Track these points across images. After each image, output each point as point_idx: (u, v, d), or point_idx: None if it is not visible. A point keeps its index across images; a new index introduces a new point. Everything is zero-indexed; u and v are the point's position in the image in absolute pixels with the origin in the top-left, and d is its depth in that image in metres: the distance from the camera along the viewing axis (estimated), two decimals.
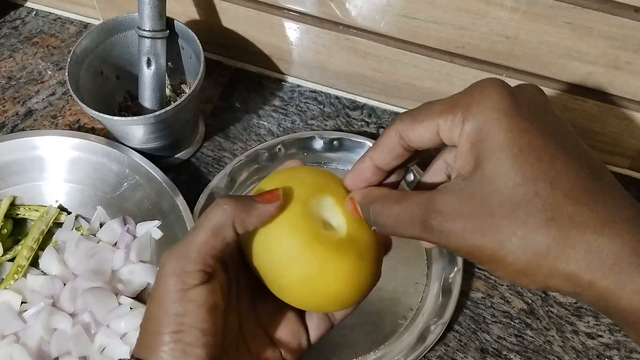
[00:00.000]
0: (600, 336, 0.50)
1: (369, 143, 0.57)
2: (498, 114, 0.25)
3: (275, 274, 0.31)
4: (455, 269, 0.50)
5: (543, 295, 0.52)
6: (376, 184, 0.32)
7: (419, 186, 0.32)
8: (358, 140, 0.57)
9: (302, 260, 0.30)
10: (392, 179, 0.33)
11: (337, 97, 0.63)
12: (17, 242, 0.52)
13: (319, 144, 0.58)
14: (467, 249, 0.26)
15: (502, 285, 0.52)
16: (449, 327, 0.50)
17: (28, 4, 0.70)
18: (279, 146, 0.57)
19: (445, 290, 0.50)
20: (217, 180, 0.55)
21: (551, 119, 0.27)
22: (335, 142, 0.57)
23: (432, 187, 0.29)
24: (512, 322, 0.51)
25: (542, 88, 0.54)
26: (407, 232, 0.28)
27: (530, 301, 0.51)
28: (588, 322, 0.50)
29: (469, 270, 0.53)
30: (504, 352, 0.49)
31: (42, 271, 0.51)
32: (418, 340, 0.48)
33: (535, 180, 0.25)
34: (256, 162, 0.57)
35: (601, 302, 0.25)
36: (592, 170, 0.26)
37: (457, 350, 0.49)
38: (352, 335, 0.49)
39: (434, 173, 0.32)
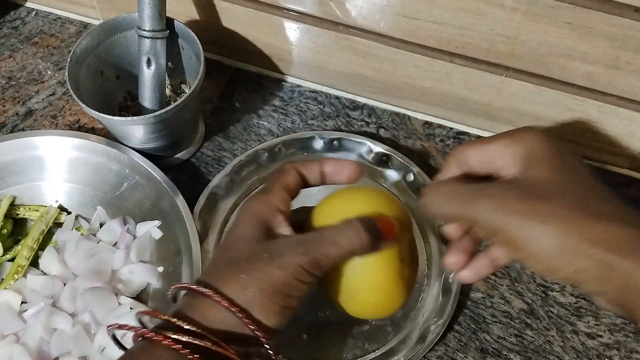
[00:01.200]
0: (600, 336, 0.50)
1: (369, 143, 0.57)
2: (542, 141, 0.33)
3: (352, 292, 0.38)
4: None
5: (543, 296, 0.52)
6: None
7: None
8: (358, 140, 0.57)
9: (384, 290, 0.37)
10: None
11: (337, 97, 0.63)
12: (17, 242, 0.52)
13: (319, 143, 0.58)
14: (508, 228, 0.31)
15: (502, 285, 0.52)
16: (449, 327, 0.50)
17: (28, 4, 0.70)
18: (279, 146, 0.57)
19: (446, 291, 0.50)
20: (218, 180, 0.55)
21: (579, 159, 0.34)
22: (335, 142, 0.57)
23: None
24: (512, 322, 0.50)
25: (542, 88, 0.55)
26: (453, 206, 0.33)
27: (530, 301, 0.51)
28: (588, 322, 0.50)
29: None
30: (504, 352, 0.49)
31: (42, 271, 0.51)
32: (418, 340, 0.48)
33: (571, 183, 0.31)
34: (256, 161, 0.57)
35: (624, 283, 0.29)
36: (609, 189, 0.33)
37: (457, 350, 0.49)
38: (352, 335, 0.49)
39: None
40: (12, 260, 0.51)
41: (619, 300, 0.30)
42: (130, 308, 0.48)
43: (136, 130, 0.51)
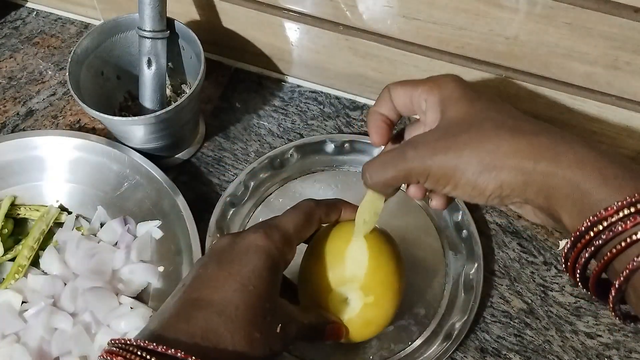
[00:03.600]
0: (600, 336, 0.50)
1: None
2: (456, 84, 0.36)
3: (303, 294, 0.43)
4: (475, 265, 0.51)
5: (542, 295, 0.52)
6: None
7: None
8: (369, 142, 0.57)
9: (319, 303, 0.42)
10: None
11: (337, 97, 0.63)
12: (17, 242, 0.52)
13: (330, 147, 0.58)
14: (436, 167, 0.34)
15: (502, 285, 0.52)
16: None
17: (29, 4, 0.70)
18: (290, 151, 0.57)
19: (467, 288, 0.50)
20: (233, 189, 0.55)
21: (490, 95, 0.36)
22: (346, 145, 0.57)
23: None
24: (511, 322, 0.51)
25: (542, 88, 0.55)
26: (390, 169, 0.36)
27: (529, 301, 0.51)
28: (587, 322, 0.50)
29: None
30: (504, 352, 0.49)
31: (43, 271, 0.51)
32: (444, 338, 0.48)
33: (486, 110, 0.35)
34: (270, 168, 0.56)
35: (542, 185, 0.31)
36: (522, 113, 0.35)
37: (457, 349, 0.49)
38: (376, 337, 0.49)
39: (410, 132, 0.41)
40: (12, 260, 0.51)
41: (542, 205, 0.32)
42: (131, 308, 0.48)
43: (137, 131, 0.52)
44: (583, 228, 0.29)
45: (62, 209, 0.55)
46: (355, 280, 0.41)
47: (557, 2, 0.46)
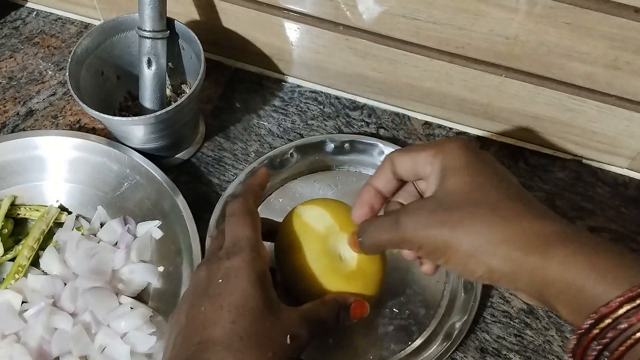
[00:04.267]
0: None
1: (380, 144, 0.56)
2: (461, 151, 0.35)
3: (301, 290, 0.42)
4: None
5: None
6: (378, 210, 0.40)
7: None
8: (370, 142, 0.57)
9: (320, 285, 0.41)
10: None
11: (337, 97, 0.63)
12: (17, 242, 0.52)
13: (330, 147, 0.58)
14: (428, 240, 0.33)
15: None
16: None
17: (29, 4, 0.70)
18: (290, 151, 0.57)
19: (467, 288, 0.50)
20: (232, 189, 0.55)
21: (495, 165, 0.36)
22: (346, 145, 0.57)
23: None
24: (511, 322, 0.51)
25: (542, 88, 0.55)
26: (383, 235, 0.36)
27: None
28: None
29: None
30: (504, 352, 0.49)
31: (43, 271, 0.51)
32: (444, 338, 0.49)
33: (486, 187, 0.34)
34: (270, 168, 0.56)
35: (534, 278, 0.31)
36: (521, 190, 0.35)
37: (457, 349, 0.49)
38: (377, 337, 0.49)
39: (405, 197, 0.40)
40: (12, 260, 0.51)
41: (535, 295, 0.32)
42: (131, 308, 0.48)
43: (136, 131, 0.52)
44: (586, 325, 0.29)
45: (62, 209, 0.55)
46: (335, 230, 0.43)
47: (557, 2, 0.46)
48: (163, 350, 0.38)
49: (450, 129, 0.61)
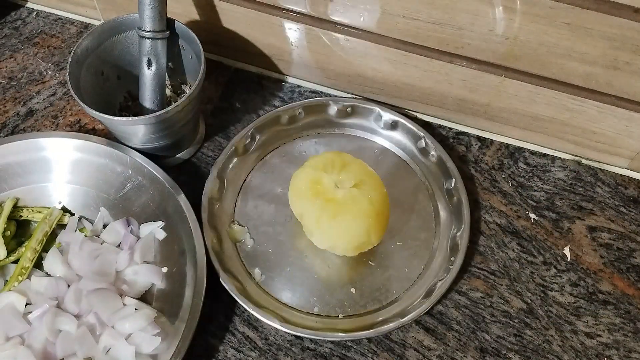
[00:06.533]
0: (599, 336, 0.50)
1: (378, 109, 0.59)
2: None
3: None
4: (462, 226, 0.53)
5: (542, 295, 0.52)
6: None
7: None
8: (368, 107, 0.60)
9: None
10: None
11: (337, 97, 0.63)
12: (20, 244, 0.53)
13: (333, 109, 0.60)
14: None
15: (502, 285, 0.53)
16: (449, 327, 0.50)
17: (29, 5, 0.70)
18: (299, 110, 0.60)
19: (453, 248, 0.53)
20: (239, 138, 0.58)
21: None
22: (348, 109, 0.60)
23: None
24: (511, 322, 0.51)
25: (541, 88, 0.55)
26: None
27: (529, 301, 0.52)
28: (587, 322, 0.51)
29: (468, 270, 0.53)
30: (503, 352, 0.50)
31: (46, 273, 0.51)
32: (424, 295, 0.51)
33: None
34: (277, 123, 0.60)
35: None
36: None
37: (457, 349, 0.50)
38: (360, 290, 0.52)
39: None
40: (16, 262, 0.51)
41: None
42: (135, 309, 0.48)
43: (137, 131, 0.52)
44: None
45: (65, 210, 0.55)
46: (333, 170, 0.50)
47: (556, 2, 0.46)
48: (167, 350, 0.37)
49: (450, 129, 0.61)
